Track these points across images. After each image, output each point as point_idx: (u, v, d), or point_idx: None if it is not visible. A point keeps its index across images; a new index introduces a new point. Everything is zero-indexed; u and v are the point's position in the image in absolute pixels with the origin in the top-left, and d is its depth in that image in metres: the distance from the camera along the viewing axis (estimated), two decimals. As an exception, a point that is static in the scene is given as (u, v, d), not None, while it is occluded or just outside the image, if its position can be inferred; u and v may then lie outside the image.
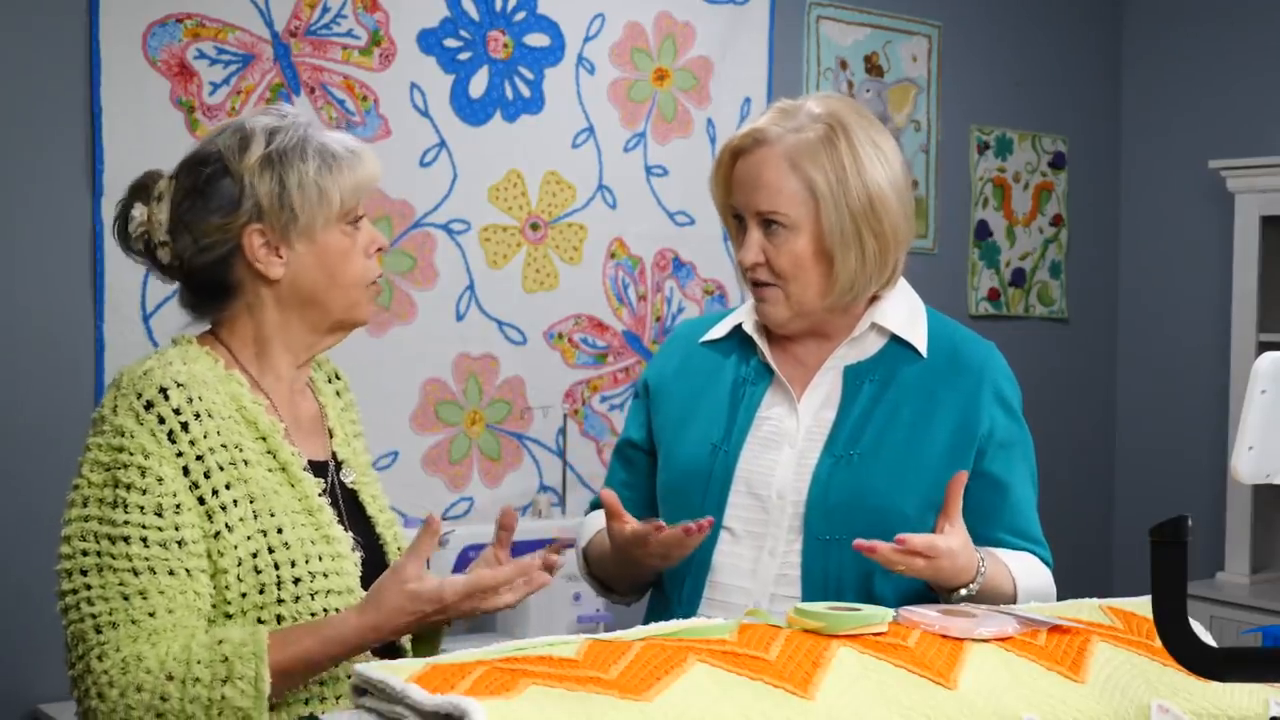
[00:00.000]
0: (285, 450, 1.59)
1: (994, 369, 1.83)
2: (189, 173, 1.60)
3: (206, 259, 1.59)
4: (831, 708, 1.21)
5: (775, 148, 1.77)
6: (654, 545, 1.69)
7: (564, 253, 3.39)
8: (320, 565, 1.55)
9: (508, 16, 3.29)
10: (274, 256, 1.59)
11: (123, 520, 1.46)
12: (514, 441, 3.34)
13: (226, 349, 1.63)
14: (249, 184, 1.56)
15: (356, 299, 1.64)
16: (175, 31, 2.84)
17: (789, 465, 1.78)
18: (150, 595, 1.45)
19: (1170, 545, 1.20)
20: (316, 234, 1.59)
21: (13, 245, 2.71)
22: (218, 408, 1.53)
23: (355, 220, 1.63)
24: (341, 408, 1.79)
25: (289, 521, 1.54)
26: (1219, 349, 4.15)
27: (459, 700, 1.10)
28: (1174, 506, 2.47)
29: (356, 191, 1.62)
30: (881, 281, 1.80)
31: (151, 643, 1.44)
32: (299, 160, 1.58)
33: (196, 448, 1.50)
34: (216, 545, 1.49)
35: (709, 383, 1.88)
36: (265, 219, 1.57)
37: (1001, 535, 1.79)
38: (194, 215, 1.59)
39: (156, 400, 1.49)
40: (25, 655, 2.69)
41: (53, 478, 2.69)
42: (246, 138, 1.59)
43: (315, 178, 1.58)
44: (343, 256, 1.61)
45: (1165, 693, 1.35)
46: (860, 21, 3.90)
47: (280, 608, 1.51)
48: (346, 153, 1.62)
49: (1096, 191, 4.54)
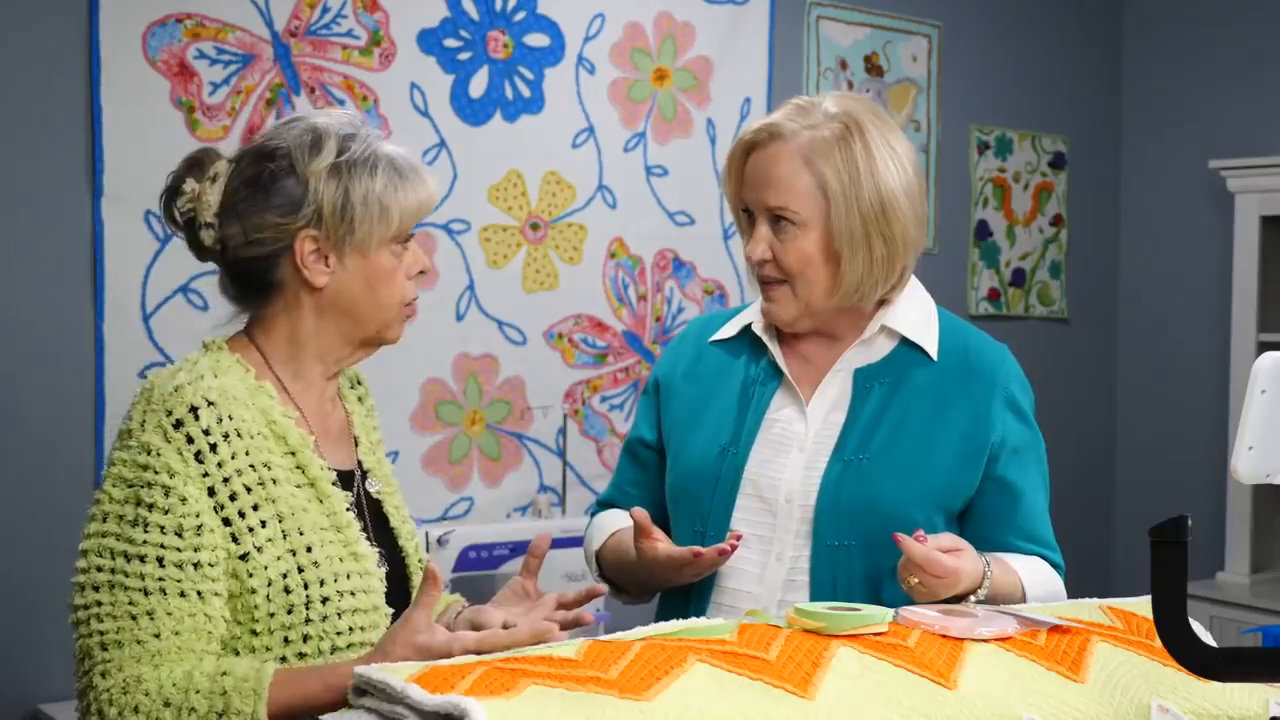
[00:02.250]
0: (315, 465, 1.57)
1: (1006, 373, 1.81)
2: (253, 163, 1.57)
3: (254, 253, 1.57)
4: (831, 708, 1.21)
5: (790, 144, 1.74)
6: (688, 569, 1.70)
7: (564, 253, 3.39)
8: (349, 584, 1.53)
9: (508, 16, 3.29)
10: (321, 264, 1.56)
11: (141, 540, 1.44)
12: (514, 441, 3.34)
13: (260, 352, 1.60)
14: (314, 189, 1.54)
15: (391, 319, 1.62)
16: (175, 31, 2.84)
17: (797, 469, 1.76)
18: (157, 616, 1.43)
19: (1170, 545, 1.20)
20: (370, 250, 1.57)
21: (13, 245, 2.71)
22: (247, 425, 1.51)
23: (406, 240, 1.60)
24: (364, 414, 1.77)
25: (318, 539, 1.52)
26: (1219, 349, 4.15)
27: (459, 700, 1.10)
28: (1174, 506, 2.48)
29: (416, 212, 1.59)
30: (888, 286, 1.78)
31: (154, 665, 1.43)
32: (368, 174, 1.55)
33: (224, 469, 1.48)
34: (245, 566, 1.48)
35: (718, 383, 1.87)
36: (323, 227, 1.54)
37: (1014, 540, 1.78)
38: (250, 207, 1.55)
39: (186, 419, 1.47)
40: (25, 655, 2.69)
41: (53, 478, 2.71)
42: (319, 140, 1.55)
43: (380, 195, 1.55)
44: (388, 276, 1.59)
45: (1165, 692, 1.35)
46: (860, 21, 3.90)
47: (308, 627, 1.50)
48: (412, 172, 1.59)
49: (1096, 191, 4.54)
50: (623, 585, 1.91)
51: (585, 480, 3.42)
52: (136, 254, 2.81)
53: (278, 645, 1.49)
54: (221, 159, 1.59)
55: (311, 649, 1.50)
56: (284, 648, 1.49)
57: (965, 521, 1.79)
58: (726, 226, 3.63)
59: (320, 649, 1.50)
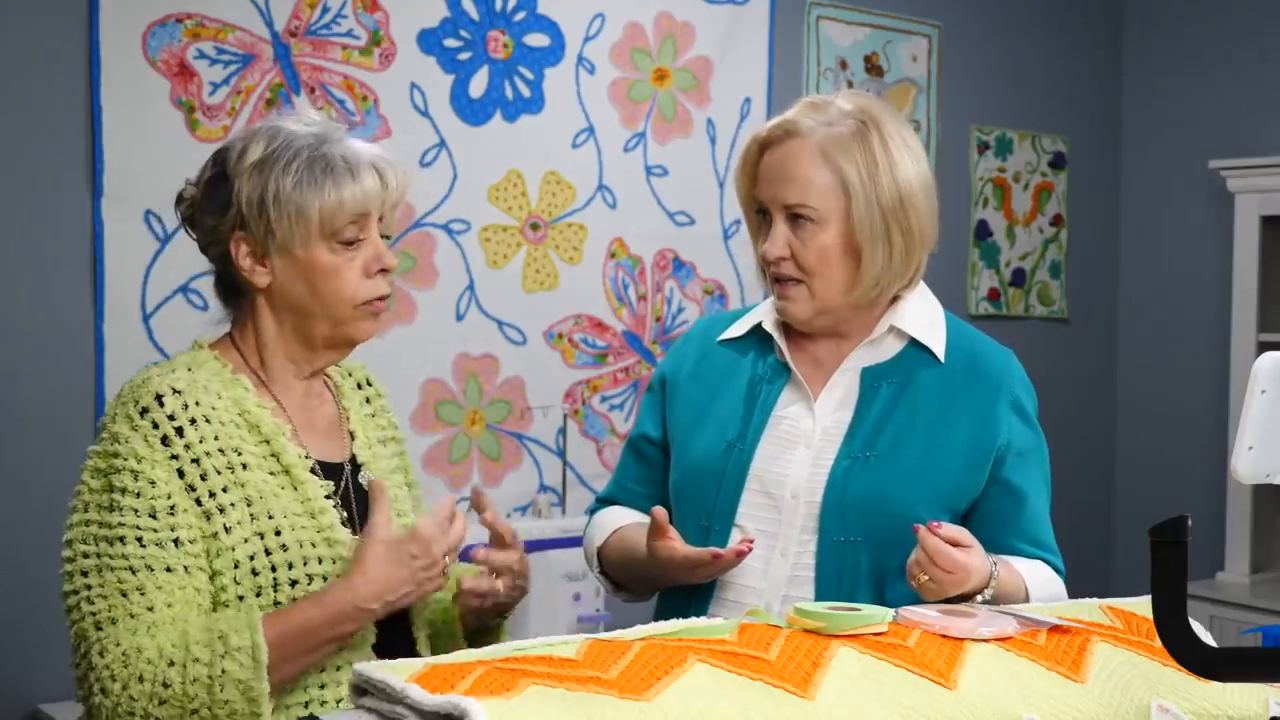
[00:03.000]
0: (290, 452, 1.58)
1: (1012, 378, 1.81)
2: (208, 165, 1.60)
3: (210, 255, 1.61)
4: (831, 708, 1.21)
5: (808, 140, 1.74)
6: (702, 570, 1.70)
7: (564, 253, 3.39)
8: (320, 568, 1.54)
9: (508, 16, 3.29)
10: (259, 265, 1.56)
11: (118, 522, 1.47)
12: (514, 441, 3.34)
13: (239, 352, 1.62)
14: (237, 189, 1.54)
15: (344, 316, 1.58)
16: (175, 31, 2.84)
17: (804, 465, 1.77)
18: (148, 591, 1.46)
19: (1170, 545, 1.20)
20: (294, 249, 1.54)
21: (13, 245, 2.71)
22: (216, 413, 1.53)
23: (351, 239, 1.56)
24: (370, 413, 1.78)
25: (288, 523, 1.54)
26: (1219, 349, 4.15)
27: (459, 700, 1.10)
28: (1174, 506, 2.47)
29: (340, 210, 1.54)
30: (905, 281, 1.79)
31: (151, 634, 1.44)
32: (281, 171, 1.52)
33: (192, 451, 1.50)
34: (215, 545, 1.50)
35: (725, 381, 1.87)
36: (247, 227, 1.54)
37: (1017, 544, 1.78)
38: (200, 210, 1.59)
39: (151, 406, 1.50)
40: (25, 655, 2.69)
41: (53, 477, 2.71)
42: (249, 140, 1.56)
43: (291, 192, 1.52)
44: (329, 273, 1.55)
45: (1165, 692, 1.35)
46: (860, 21, 3.90)
47: (276, 610, 1.51)
48: (343, 168, 1.54)
49: (1096, 191, 4.54)
50: (625, 583, 1.91)
51: (585, 480, 3.42)
52: (136, 254, 2.81)
53: None
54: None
55: None
56: None
57: (969, 524, 1.79)
58: (726, 226, 3.63)
59: None
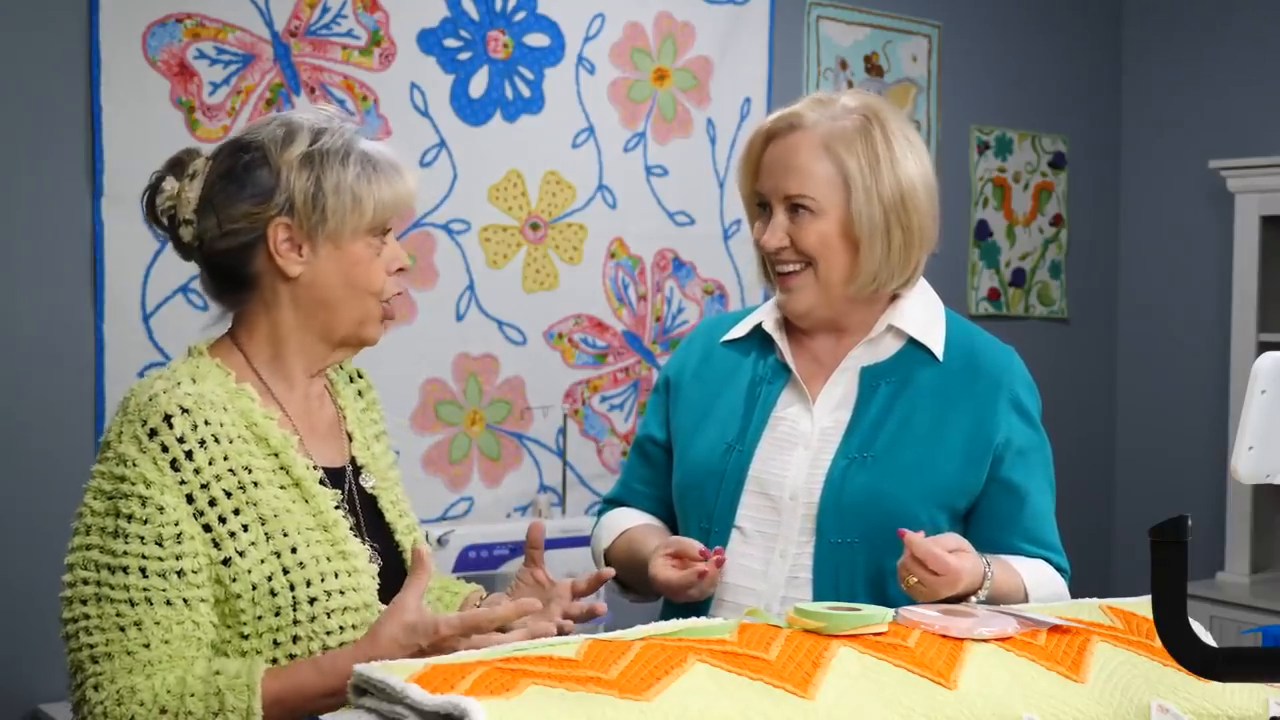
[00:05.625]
0: (299, 465, 1.57)
1: (1012, 376, 1.81)
2: (228, 156, 1.59)
3: (229, 244, 1.58)
4: (831, 708, 1.21)
5: (811, 133, 1.75)
6: (694, 590, 1.70)
7: (564, 253, 3.39)
8: (336, 583, 1.53)
9: (508, 16, 3.29)
10: (295, 253, 1.57)
11: (122, 550, 1.45)
12: (514, 441, 3.34)
13: (242, 353, 1.61)
14: (286, 178, 1.55)
15: (367, 313, 1.62)
16: (175, 31, 2.84)
17: (802, 466, 1.77)
18: (145, 626, 1.44)
19: (1170, 545, 1.20)
20: (343, 240, 1.58)
21: (13, 245, 2.71)
22: (225, 430, 1.52)
23: (383, 234, 1.61)
24: (362, 408, 1.78)
25: (303, 540, 1.53)
26: (1219, 349, 4.15)
27: (459, 700, 1.10)
28: (1174, 506, 2.47)
29: (391, 205, 1.60)
30: (904, 279, 1.79)
31: (146, 674, 1.43)
32: (339, 164, 1.56)
33: (201, 475, 1.48)
34: (228, 572, 1.48)
35: (727, 382, 1.87)
36: (295, 215, 1.56)
37: (1018, 543, 1.78)
38: (225, 198, 1.57)
39: (160, 428, 1.48)
40: (25, 655, 2.69)
41: (53, 478, 2.71)
42: (292, 132, 1.58)
43: (352, 184, 1.56)
44: (363, 267, 1.59)
45: (1165, 692, 1.35)
46: (860, 21, 3.90)
47: (296, 628, 1.50)
48: (389, 165, 1.60)
49: (1096, 191, 4.54)
50: (631, 584, 1.91)
51: (585, 480, 3.42)
52: (136, 254, 2.81)
53: (267, 648, 1.50)
54: (201, 157, 1.62)
55: (301, 649, 1.50)
56: (274, 650, 1.50)
57: (970, 523, 1.79)
58: (727, 226, 3.63)
59: (310, 649, 1.51)
